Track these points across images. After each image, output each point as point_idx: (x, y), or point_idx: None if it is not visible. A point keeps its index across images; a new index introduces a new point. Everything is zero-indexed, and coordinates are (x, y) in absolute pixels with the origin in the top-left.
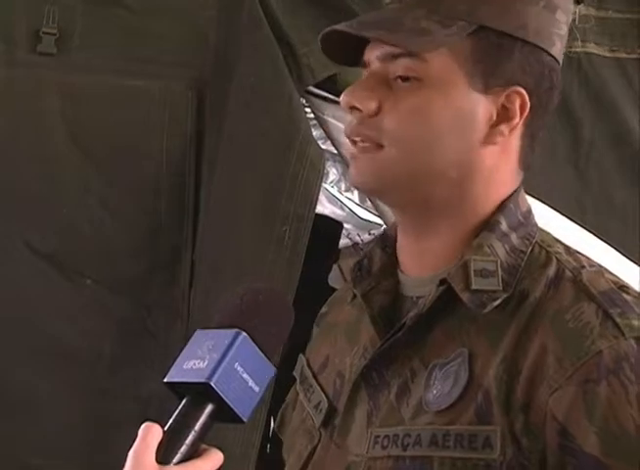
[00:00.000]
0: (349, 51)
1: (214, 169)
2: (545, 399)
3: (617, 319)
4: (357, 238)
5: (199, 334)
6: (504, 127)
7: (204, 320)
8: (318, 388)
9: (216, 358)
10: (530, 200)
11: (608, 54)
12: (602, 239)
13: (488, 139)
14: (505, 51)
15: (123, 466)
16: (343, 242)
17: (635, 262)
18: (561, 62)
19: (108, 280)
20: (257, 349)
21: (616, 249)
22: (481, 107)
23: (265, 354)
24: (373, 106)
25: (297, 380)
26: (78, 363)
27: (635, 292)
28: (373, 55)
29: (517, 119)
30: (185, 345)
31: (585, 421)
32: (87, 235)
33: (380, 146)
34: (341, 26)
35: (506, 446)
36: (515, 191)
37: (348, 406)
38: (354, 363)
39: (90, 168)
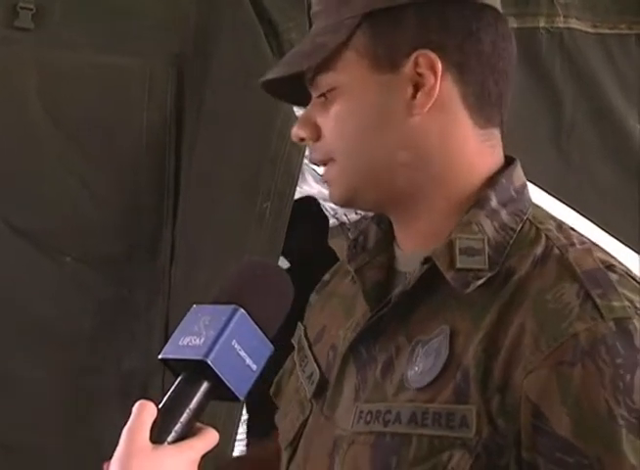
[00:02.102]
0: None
1: (195, 147)
2: (521, 381)
3: (598, 300)
4: (344, 218)
5: (195, 309)
6: (420, 95)
7: (185, 297)
8: (312, 359)
9: (213, 335)
10: None
11: (590, 30)
12: (585, 217)
13: (414, 111)
14: (396, 22)
15: (107, 442)
16: (331, 222)
17: (618, 239)
18: (496, 3)
19: (88, 258)
20: (256, 326)
21: (599, 226)
22: (395, 85)
23: (263, 332)
24: (313, 132)
25: (295, 348)
26: (59, 341)
27: (623, 270)
28: (308, 87)
29: (431, 82)
30: (167, 322)
31: (558, 403)
32: (67, 213)
33: (331, 159)
34: (265, 78)
35: (482, 425)
36: (509, 164)
37: (338, 380)
38: (347, 337)
39: (69, 146)
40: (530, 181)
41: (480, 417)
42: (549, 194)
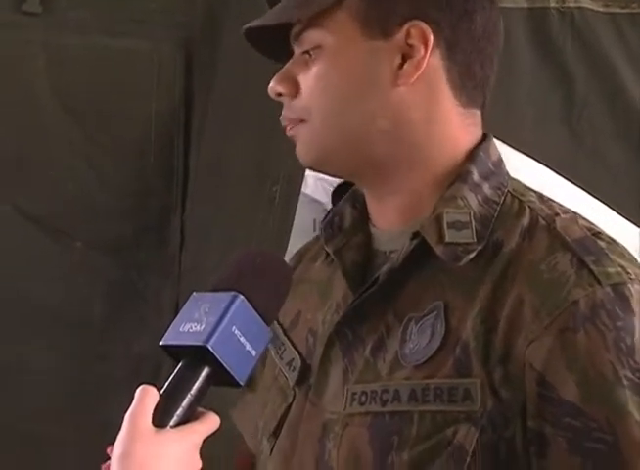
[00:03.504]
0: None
1: (203, 130)
2: (523, 350)
3: (593, 267)
4: None
5: (195, 297)
6: (408, 65)
7: (194, 282)
8: (290, 345)
9: (213, 321)
10: (520, 157)
11: (602, 9)
12: (594, 196)
13: (399, 81)
14: None
15: (116, 427)
16: None
17: (627, 219)
18: None
19: (98, 242)
20: (255, 312)
21: (608, 206)
22: (384, 53)
23: (263, 318)
24: (292, 88)
25: None
26: (69, 326)
27: (608, 237)
28: (291, 42)
29: (420, 54)
30: (177, 306)
31: (564, 369)
32: (76, 198)
33: (303, 121)
34: (249, 24)
35: (486, 397)
36: (484, 139)
37: (323, 364)
38: (327, 320)
39: (77, 130)
40: (540, 162)
41: (484, 389)
42: (559, 174)
